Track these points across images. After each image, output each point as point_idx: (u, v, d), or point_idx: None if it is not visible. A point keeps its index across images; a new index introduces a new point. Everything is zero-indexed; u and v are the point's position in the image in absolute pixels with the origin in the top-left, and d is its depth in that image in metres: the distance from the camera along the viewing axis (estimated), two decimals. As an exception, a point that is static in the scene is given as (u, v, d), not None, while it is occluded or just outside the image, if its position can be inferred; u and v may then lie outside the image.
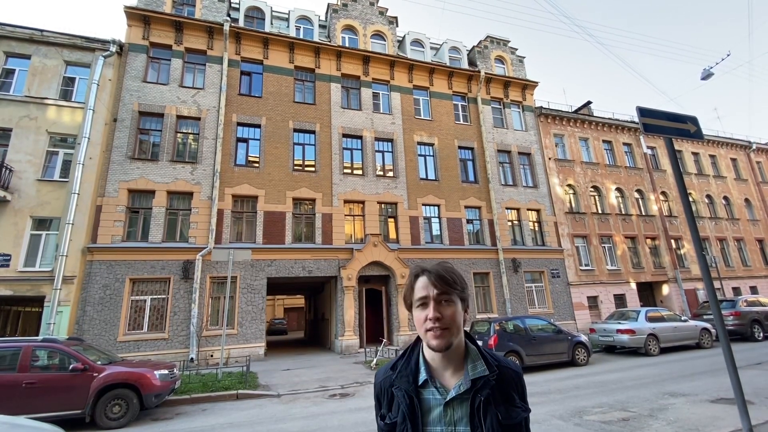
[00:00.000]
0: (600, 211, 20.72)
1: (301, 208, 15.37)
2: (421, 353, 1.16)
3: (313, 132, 16.35)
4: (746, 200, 25.93)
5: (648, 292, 21.40)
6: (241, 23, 16.59)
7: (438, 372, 1.13)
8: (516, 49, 22.00)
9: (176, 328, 12.50)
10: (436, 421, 1.07)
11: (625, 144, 23.18)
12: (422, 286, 1.10)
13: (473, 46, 21.49)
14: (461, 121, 19.42)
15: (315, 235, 15.06)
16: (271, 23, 17.51)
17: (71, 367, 6.62)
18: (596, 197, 21.11)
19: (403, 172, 17.12)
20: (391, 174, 17.11)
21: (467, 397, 1.07)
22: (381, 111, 17.90)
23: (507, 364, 1.17)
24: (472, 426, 1.04)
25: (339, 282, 14.81)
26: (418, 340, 1.18)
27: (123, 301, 12.19)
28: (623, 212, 21.32)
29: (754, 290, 23.01)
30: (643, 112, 4.08)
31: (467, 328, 1.14)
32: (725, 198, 25.20)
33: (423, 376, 1.12)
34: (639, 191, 22.32)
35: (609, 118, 22.94)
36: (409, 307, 1.15)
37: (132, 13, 14.65)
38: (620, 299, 19.38)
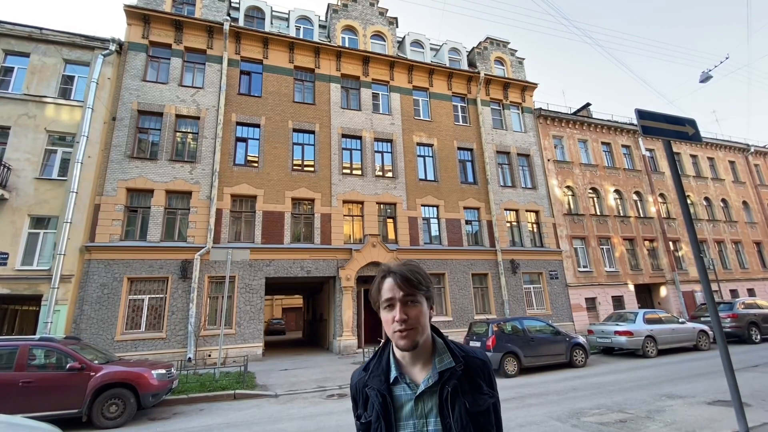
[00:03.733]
0: (598, 213, 20.76)
1: (300, 208, 15.36)
2: (391, 352, 1.21)
3: (313, 132, 16.35)
4: (744, 203, 26.02)
5: (646, 294, 21.44)
6: (241, 23, 16.59)
7: (407, 368, 1.17)
8: (515, 51, 22.04)
9: (174, 327, 12.48)
10: (408, 415, 1.11)
11: (623, 146, 23.23)
12: (388, 288, 1.14)
13: (473, 48, 21.51)
14: (460, 122, 19.44)
15: (314, 236, 15.05)
16: (271, 23, 17.52)
17: (68, 366, 6.60)
18: (595, 199, 21.14)
19: (402, 173, 17.13)
20: (390, 175, 17.11)
21: (436, 389, 1.11)
22: (380, 111, 17.90)
23: (473, 353, 1.20)
24: (441, 416, 1.08)
25: (337, 282, 14.79)
26: (389, 339, 1.21)
27: (121, 301, 12.16)
28: (622, 214, 21.36)
29: (751, 292, 23.08)
30: (641, 114, 4.09)
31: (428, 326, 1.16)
32: (723, 201, 25.27)
33: (394, 373, 1.16)
34: (637, 193, 22.37)
35: (608, 120, 22.99)
36: (378, 309, 1.18)
37: (132, 12, 14.63)
38: (618, 301, 19.41)
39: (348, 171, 16.48)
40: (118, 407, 6.67)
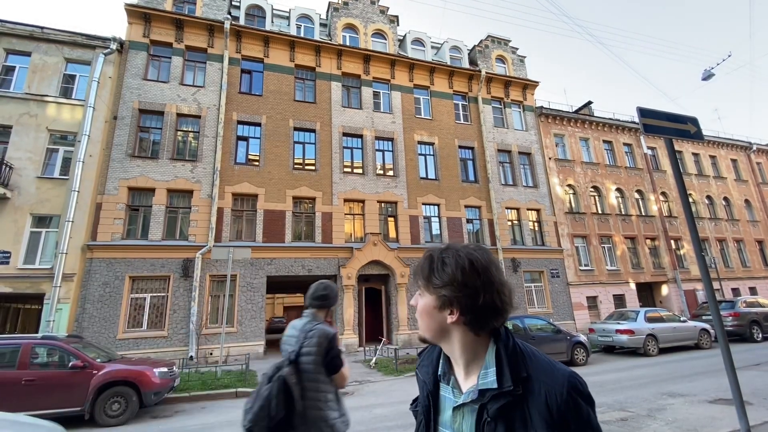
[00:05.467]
0: (600, 212, 20.72)
1: (301, 206, 15.36)
2: None
3: (314, 131, 16.34)
4: (746, 201, 25.93)
5: (647, 293, 21.40)
6: (241, 21, 16.57)
7: (455, 368, 0.99)
8: (517, 49, 21.98)
9: (176, 326, 12.51)
10: (447, 423, 0.95)
11: (625, 144, 23.17)
12: None
13: (474, 46, 21.46)
14: (462, 121, 19.41)
15: (315, 234, 15.06)
16: (272, 21, 17.49)
17: (71, 364, 6.63)
18: (596, 197, 21.10)
19: (403, 172, 17.12)
20: (391, 173, 17.10)
21: (476, 408, 0.89)
22: (381, 110, 17.88)
23: (548, 375, 0.86)
24: None
25: (338, 281, 14.80)
26: None
27: (122, 299, 12.19)
28: (623, 212, 21.32)
29: (753, 291, 23.01)
30: (643, 112, 4.07)
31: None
32: (725, 199, 25.19)
33: (441, 369, 1.01)
34: (639, 192, 22.32)
35: (609, 119, 22.92)
36: None
37: (132, 11, 14.62)
38: (619, 299, 19.39)
39: (349, 170, 16.47)
40: (121, 405, 6.70)
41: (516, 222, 18.67)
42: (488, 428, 0.85)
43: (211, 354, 12.41)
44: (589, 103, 24.50)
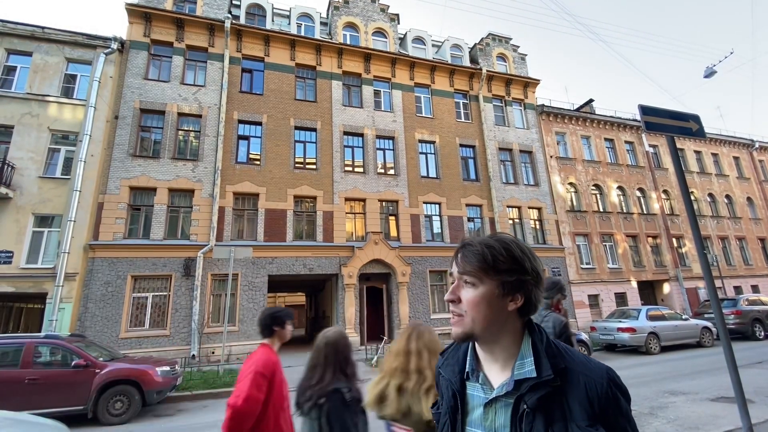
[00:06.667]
0: (601, 210, 20.69)
1: (302, 205, 15.37)
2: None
3: (314, 130, 16.33)
4: (748, 199, 25.86)
5: (649, 291, 21.38)
6: (242, 20, 16.55)
7: (486, 365, 0.95)
8: (518, 47, 21.92)
9: (178, 325, 12.54)
10: (477, 422, 0.91)
11: (627, 142, 23.11)
12: (454, 262, 0.96)
13: (475, 44, 21.41)
14: (462, 119, 19.38)
15: (316, 233, 15.07)
16: (272, 20, 17.48)
17: (73, 363, 6.66)
18: (598, 195, 21.06)
19: (404, 170, 17.10)
20: (392, 172, 17.09)
21: (512, 402, 0.86)
22: (382, 109, 17.86)
23: (583, 366, 0.86)
24: None
25: (340, 280, 14.82)
26: None
27: (125, 298, 12.23)
28: (625, 211, 21.28)
29: (755, 289, 22.95)
30: (645, 110, 4.05)
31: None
32: (727, 196, 25.12)
33: (468, 366, 0.97)
34: (641, 189, 22.27)
35: (611, 117, 22.86)
36: None
37: (133, 11, 14.63)
38: (621, 298, 19.37)
39: (350, 168, 16.47)
40: (123, 404, 6.72)
41: (517, 220, 18.65)
42: (526, 420, 0.82)
43: (213, 353, 12.45)
44: (591, 101, 24.44)
